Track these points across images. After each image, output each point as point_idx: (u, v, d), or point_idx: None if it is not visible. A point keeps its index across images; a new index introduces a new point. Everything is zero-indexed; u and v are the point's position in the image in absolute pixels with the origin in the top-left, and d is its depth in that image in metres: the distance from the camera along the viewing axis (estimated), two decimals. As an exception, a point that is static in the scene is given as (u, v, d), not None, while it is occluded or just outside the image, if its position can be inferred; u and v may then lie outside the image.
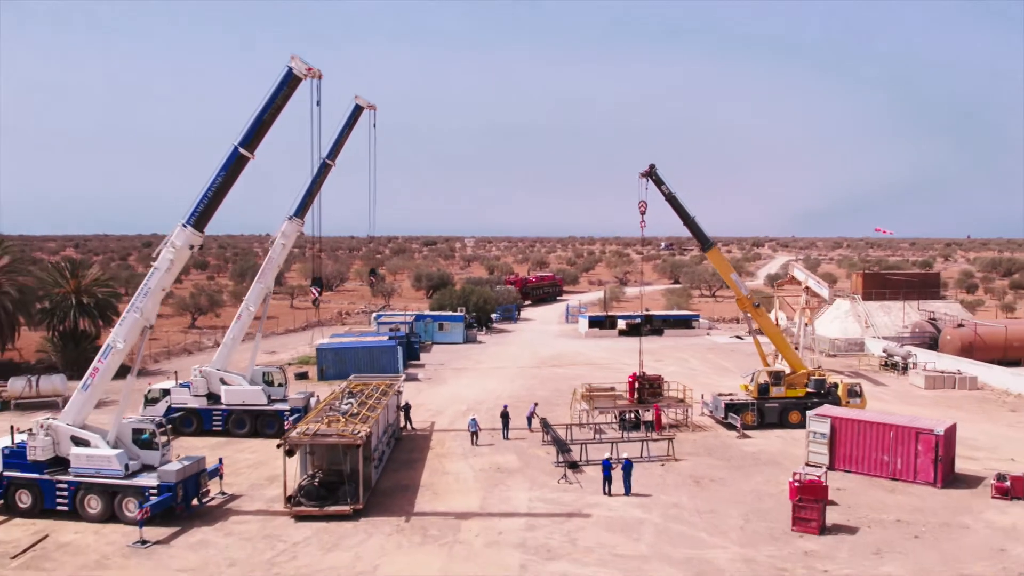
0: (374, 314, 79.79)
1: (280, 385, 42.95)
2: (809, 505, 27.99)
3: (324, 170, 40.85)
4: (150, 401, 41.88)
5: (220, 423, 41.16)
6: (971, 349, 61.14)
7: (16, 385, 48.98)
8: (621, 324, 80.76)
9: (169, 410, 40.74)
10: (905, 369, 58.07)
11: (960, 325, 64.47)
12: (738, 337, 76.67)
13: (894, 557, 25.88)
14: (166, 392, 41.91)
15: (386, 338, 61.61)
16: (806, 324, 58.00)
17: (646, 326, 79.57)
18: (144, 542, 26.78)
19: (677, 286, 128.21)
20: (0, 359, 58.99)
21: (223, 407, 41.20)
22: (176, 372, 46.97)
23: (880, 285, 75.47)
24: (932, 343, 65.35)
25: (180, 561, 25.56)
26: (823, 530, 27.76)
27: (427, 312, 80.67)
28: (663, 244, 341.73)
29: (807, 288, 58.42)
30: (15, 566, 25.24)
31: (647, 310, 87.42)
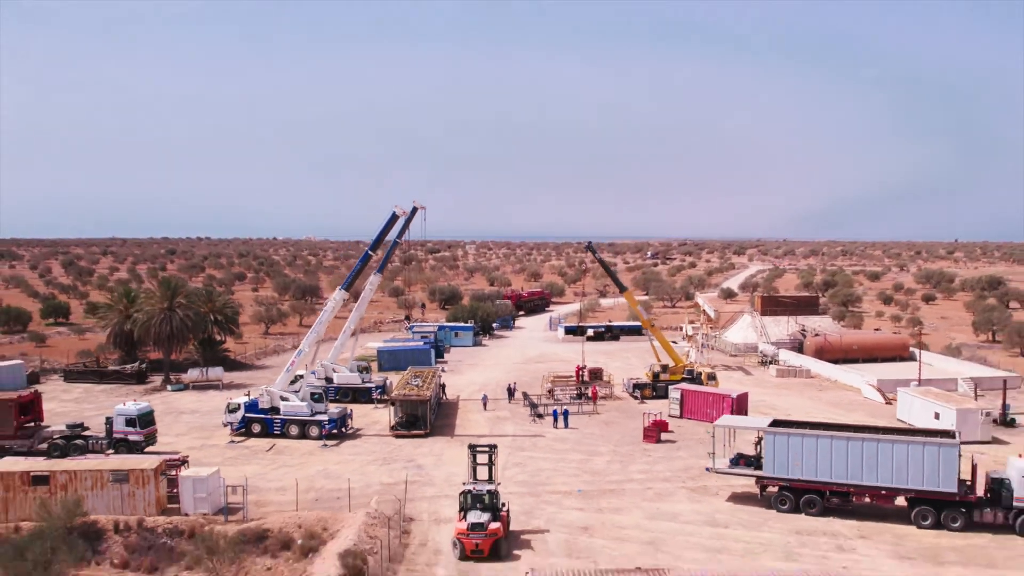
0: (408, 325, 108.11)
1: (367, 371, 71.24)
2: (652, 429, 56.44)
3: (395, 247, 68.99)
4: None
5: (333, 396, 69.27)
6: (822, 351, 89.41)
7: (192, 373, 77.45)
8: (589, 332, 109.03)
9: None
10: (770, 365, 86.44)
11: (817, 335, 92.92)
12: (674, 342, 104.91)
13: (686, 450, 54.21)
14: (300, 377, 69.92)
15: (421, 342, 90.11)
16: (705, 334, 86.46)
17: (606, 333, 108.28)
18: (326, 445, 55.23)
19: (644, 297, 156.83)
20: (156, 357, 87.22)
21: (335, 386, 69.43)
22: (306, 365, 75.14)
23: (775, 305, 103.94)
24: (800, 347, 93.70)
25: (347, 451, 54.04)
26: (658, 441, 56.10)
27: (445, 323, 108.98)
28: (649, 253, 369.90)
29: (704, 311, 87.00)
30: (270, 454, 53.64)
31: (610, 321, 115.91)
